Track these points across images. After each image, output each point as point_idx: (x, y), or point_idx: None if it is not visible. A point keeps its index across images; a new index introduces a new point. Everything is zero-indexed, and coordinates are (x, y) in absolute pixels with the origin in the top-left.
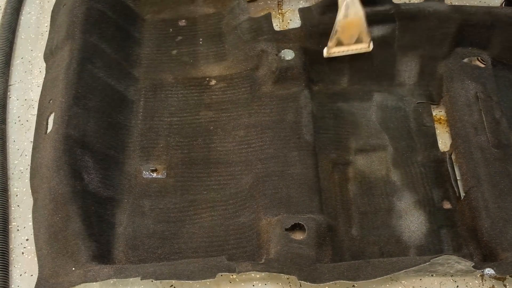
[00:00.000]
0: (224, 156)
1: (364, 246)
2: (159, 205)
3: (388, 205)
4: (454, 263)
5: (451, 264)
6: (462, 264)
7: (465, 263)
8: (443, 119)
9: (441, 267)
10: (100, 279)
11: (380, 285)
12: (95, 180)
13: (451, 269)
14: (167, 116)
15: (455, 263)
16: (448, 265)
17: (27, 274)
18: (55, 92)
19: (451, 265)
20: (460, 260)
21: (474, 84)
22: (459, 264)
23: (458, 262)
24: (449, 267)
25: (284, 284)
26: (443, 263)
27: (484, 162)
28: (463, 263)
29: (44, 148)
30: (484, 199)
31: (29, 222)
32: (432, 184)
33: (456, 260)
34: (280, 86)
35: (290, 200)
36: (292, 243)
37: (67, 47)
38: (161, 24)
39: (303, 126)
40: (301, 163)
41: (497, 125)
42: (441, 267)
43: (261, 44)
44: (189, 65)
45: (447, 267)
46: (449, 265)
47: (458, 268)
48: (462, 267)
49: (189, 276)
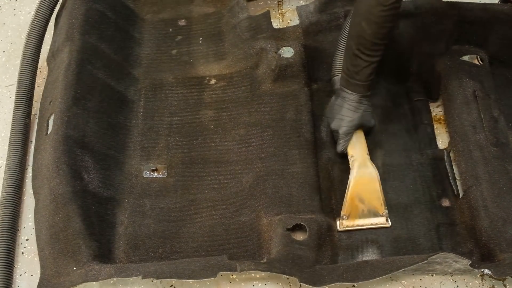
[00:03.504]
0: (225, 155)
1: (363, 246)
2: (159, 205)
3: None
4: (452, 262)
5: (449, 263)
6: (459, 263)
7: (462, 261)
8: (443, 118)
9: (439, 266)
10: (101, 278)
11: (380, 285)
12: (95, 180)
13: (449, 268)
14: (167, 116)
15: (453, 261)
16: (446, 263)
17: (27, 274)
18: (55, 93)
19: (449, 263)
20: (457, 259)
21: (472, 82)
22: (457, 263)
23: (456, 260)
24: (447, 266)
25: (284, 284)
26: (441, 261)
27: (483, 161)
28: (460, 262)
29: (44, 149)
30: (483, 197)
31: (29, 222)
32: (431, 182)
33: (453, 259)
34: (280, 84)
35: (291, 199)
36: (293, 244)
37: (66, 48)
38: (160, 24)
39: (303, 124)
40: (301, 162)
41: (495, 123)
42: (439, 266)
43: (260, 42)
44: (189, 65)
45: (445, 266)
46: (447, 264)
47: (456, 267)
48: (460, 266)
49: (190, 275)
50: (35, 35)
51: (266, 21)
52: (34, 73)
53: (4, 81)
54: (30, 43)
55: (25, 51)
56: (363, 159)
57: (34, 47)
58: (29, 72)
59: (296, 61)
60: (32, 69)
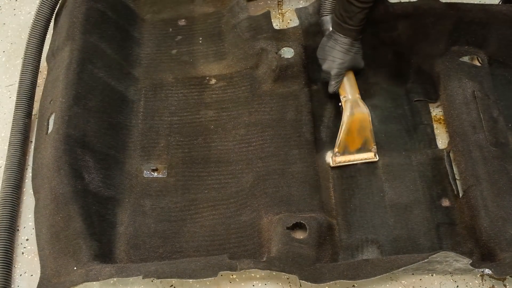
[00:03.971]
0: (225, 155)
1: (363, 245)
2: (160, 204)
3: (386, 203)
4: (452, 261)
5: (449, 262)
6: (460, 262)
7: (463, 260)
8: (443, 119)
9: (439, 265)
10: (102, 278)
11: (380, 285)
12: (96, 180)
13: (449, 267)
14: (167, 116)
15: (453, 260)
16: (446, 263)
17: (27, 274)
18: (55, 92)
19: (450, 263)
20: (458, 258)
21: (471, 82)
22: (457, 262)
23: (456, 259)
24: (447, 265)
25: (284, 284)
26: (441, 260)
27: (483, 161)
28: (461, 261)
29: (45, 149)
30: (483, 197)
31: (29, 222)
32: (431, 182)
33: (454, 258)
34: (280, 84)
35: (291, 198)
36: (293, 242)
37: (67, 47)
38: (160, 23)
39: (304, 124)
40: (301, 161)
41: (494, 124)
42: (439, 265)
43: (260, 43)
44: (189, 65)
45: (446, 265)
46: (447, 263)
47: (457, 266)
48: (460, 265)
49: (191, 275)
50: (37, 34)
51: (266, 21)
52: (35, 72)
53: (4, 81)
54: (32, 42)
55: (27, 51)
56: (355, 98)
57: (36, 47)
58: (31, 71)
59: (296, 62)
60: (34, 69)
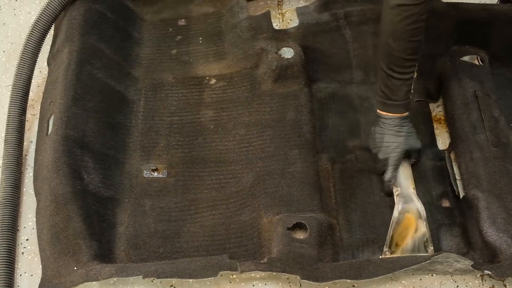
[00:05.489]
0: (225, 155)
1: (363, 245)
2: (160, 204)
3: (387, 204)
4: (453, 262)
5: (450, 263)
6: (461, 263)
7: (464, 261)
8: (443, 119)
9: (440, 266)
10: (102, 278)
11: (380, 285)
12: (95, 180)
13: (450, 268)
14: (167, 116)
15: (454, 261)
16: (447, 263)
17: (27, 274)
18: (54, 94)
19: (450, 263)
20: (459, 259)
21: (472, 82)
22: (458, 263)
23: (457, 260)
24: (448, 266)
25: (284, 284)
26: (442, 261)
27: (484, 161)
28: (462, 262)
29: (45, 150)
30: (483, 198)
31: (29, 222)
32: (431, 182)
33: (455, 259)
34: (280, 84)
35: (291, 198)
36: (294, 243)
37: (66, 49)
38: (160, 23)
39: (304, 124)
40: (301, 161)
41: (495, 124)
42: (440, 266)
43: (260, 43)
44: (188, 65)
45: (446, 266)
46: (448, 264)
47: (457, 267)
48: (461, 266)
49: (191, 275)
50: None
51: (266, 21)
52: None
53: (4, 81)
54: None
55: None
56: (409, 193)
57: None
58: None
59: (296, 62)
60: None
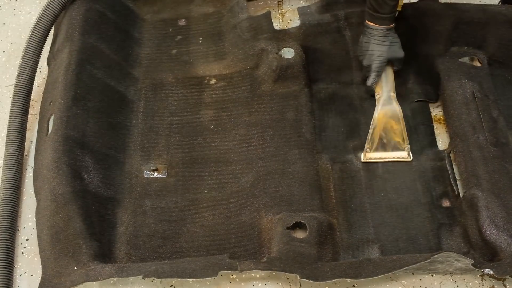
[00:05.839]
0: (225, 155)
1: (363, 245)
2: (160, 204)
3: (387, 204)
4: (453, 261)
5: (450, 262)
6: (461, 262)
7: (464, 261)
8: (443, 119)
9: (440, 265)
10: (102, 278)
11: (380, 285)
12: (95, 180)
13: (450, 267)
14: (167, 116)
15: (455, 261)
16: (447, 263)
17: (27, 274)
18: (54, 94)
19: (451, 263)
20: (459, 258)
21: (471, 83)
22: (459, 262)
23: (458, 260)
24: (448, 265)
25: (284, 284)
26: (442, 260)
27: (483, 161)
28: (462, 261)
29: (45, 150)
30: (483, 197)
31: (29, 222)
32: (431, 182)
33: (455, 258)
34: (281, 84)
35: (291, 198)
36: (294, 242)
37: (66, 49)
38: (160, 23)
39: (304, 124)
40: (301, 161)
41: (494, 124)
42: (440, 265)
43: (261, 43)
44: (189, 65)
45: (447, 265)
46: (448, 263)
47: (458, 266)
48: (462, 265)
49: (191, 275)
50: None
51: (266, 21)
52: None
53: (4, 81)
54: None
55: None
56: (388, 96)
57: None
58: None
59: (296, 62)
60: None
